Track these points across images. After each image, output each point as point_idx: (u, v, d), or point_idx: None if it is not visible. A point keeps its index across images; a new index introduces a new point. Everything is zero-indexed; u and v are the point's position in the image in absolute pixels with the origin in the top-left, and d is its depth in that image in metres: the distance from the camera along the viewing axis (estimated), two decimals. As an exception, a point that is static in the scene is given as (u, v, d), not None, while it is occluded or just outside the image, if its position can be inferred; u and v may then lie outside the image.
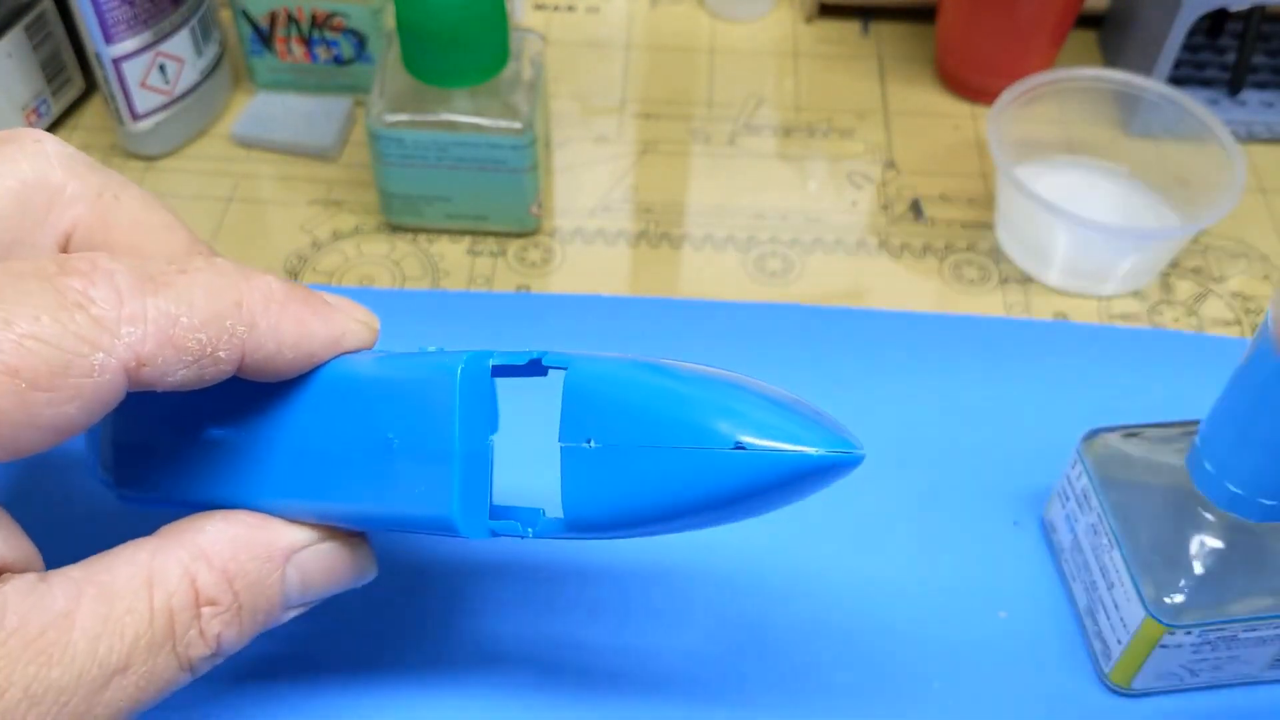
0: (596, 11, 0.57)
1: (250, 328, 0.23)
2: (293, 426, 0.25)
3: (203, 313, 0.22)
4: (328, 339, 0.25)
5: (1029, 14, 0.50)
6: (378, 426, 0.24)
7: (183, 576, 0.23)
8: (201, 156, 0.49)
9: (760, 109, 0.52)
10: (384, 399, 0.24)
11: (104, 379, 0.20)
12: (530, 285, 0.45)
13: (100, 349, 0.20)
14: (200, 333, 0.22)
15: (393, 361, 0.25)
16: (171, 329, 0.21)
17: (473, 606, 0.34)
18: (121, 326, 0.21)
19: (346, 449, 0.25)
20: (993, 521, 0.37)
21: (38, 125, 0.49)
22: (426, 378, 0.24)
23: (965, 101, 0.53)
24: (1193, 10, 0.47)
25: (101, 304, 0.21)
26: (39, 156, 0.24)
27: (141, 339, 0.21)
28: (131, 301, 0.21)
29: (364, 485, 0.24)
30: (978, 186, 0.49)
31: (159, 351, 0.21)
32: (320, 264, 0.45)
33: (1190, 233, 0.43)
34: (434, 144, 0.43)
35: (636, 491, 0.23)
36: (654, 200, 0.48)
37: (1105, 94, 0.48)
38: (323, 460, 0.25)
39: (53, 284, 0.20)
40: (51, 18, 0.48)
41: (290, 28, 0.49)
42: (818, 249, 0.47)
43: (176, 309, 0.21)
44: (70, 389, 0.20)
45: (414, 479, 0.24)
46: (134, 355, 0.21)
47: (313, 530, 0.25)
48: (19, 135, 0.24)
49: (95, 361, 0.20)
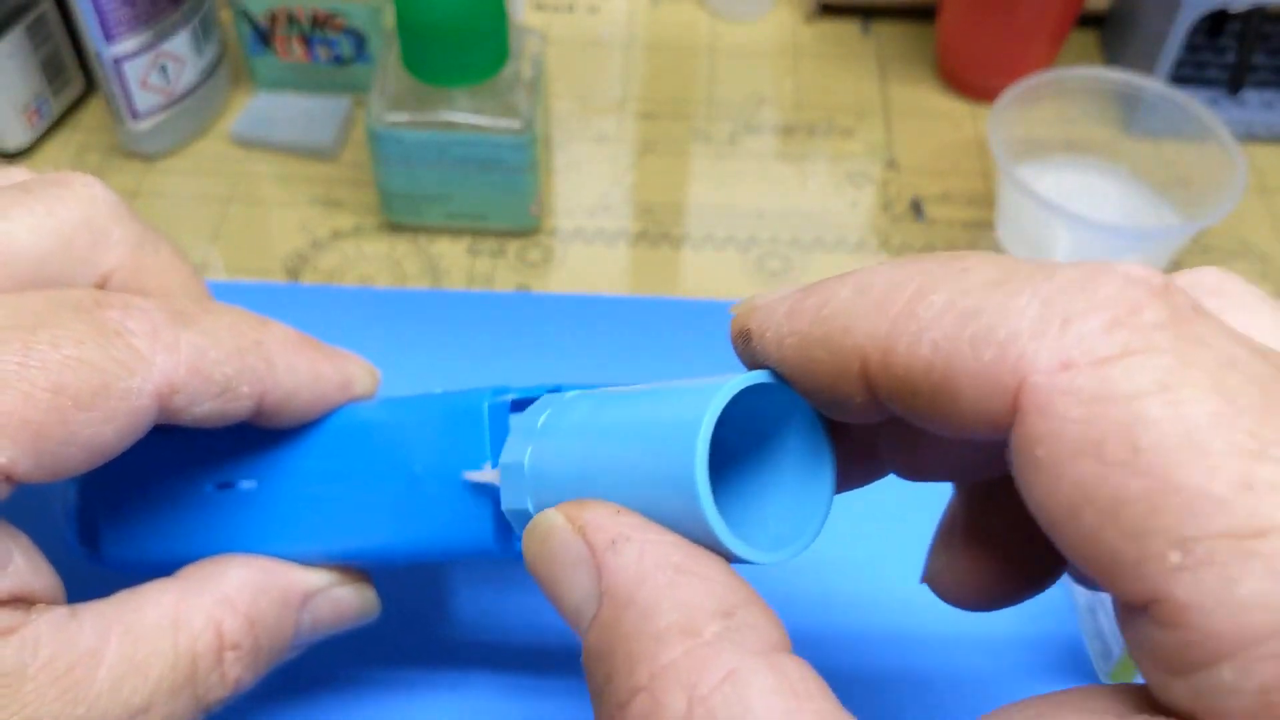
0: (596, 11, 0.57)
1: (269, 366, 0.24)
2: (307, 472, 0.26)
3: (228, 347, 0.23)
4: (339, 382, 0.26)
5: (1029, 14, 0.50)
6: (401, 462, 0.25)
7: (208, 622, 0.23)
8: (201, 156, 0.49)
9: (760, 109, 0.52)
10: (404, 436, 0.25)
11: (139, 403, 0.21)
12: (530, 285, 0.45)
13: (137, 374, 0.21)
14: (226, 366, 0.23)
15: (405, 403, 0.26)
16: (201, 360, 0.22)
17: (469, 618, 0.34)
18: (157, 355, 0.22)
19: (368, 487, 0.25)
20: (993, 521, 0.37)
21: (38, 125, 0.49)
22: (451, 410, 0.25)
23: (965, 101, 0.53)
24: (1193, 10, 0.47)
25: (139, 334, 0.22)
26: (89, 201, 0.25)
27: (175, 367, 0.22)
28: (166, 333, 0.22)
29: (389, 520, 0.25)
30: (978, 186, 0.49)
31: (189, 380, 0.22)
32: (320, 264, 0.45)
33: (1190, 233, 0.43)
34: (434, 144, 0.43)
35: None
36: (654, 200, 0.48)
37: (1105, 94, 0.48)
38: (342, 501, 0.26)
39: (91, 315, 0.22)
40: (51, 18, 0.48)
41: (290, 27, 0.49)
42: (818, 249, 0.47)
43: (205, 342, 0.23)
44: (108, 410, 0.21)
45: (447, 507, 0.25)
46: (167, 382, 0.22)
47: (326, 574, 0.26)
48: (70, 179, 0.25)
49: (132, 385, 0.21)
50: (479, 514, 0.24)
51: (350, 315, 0.43)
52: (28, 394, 0.20)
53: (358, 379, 0.27)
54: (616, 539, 0.17)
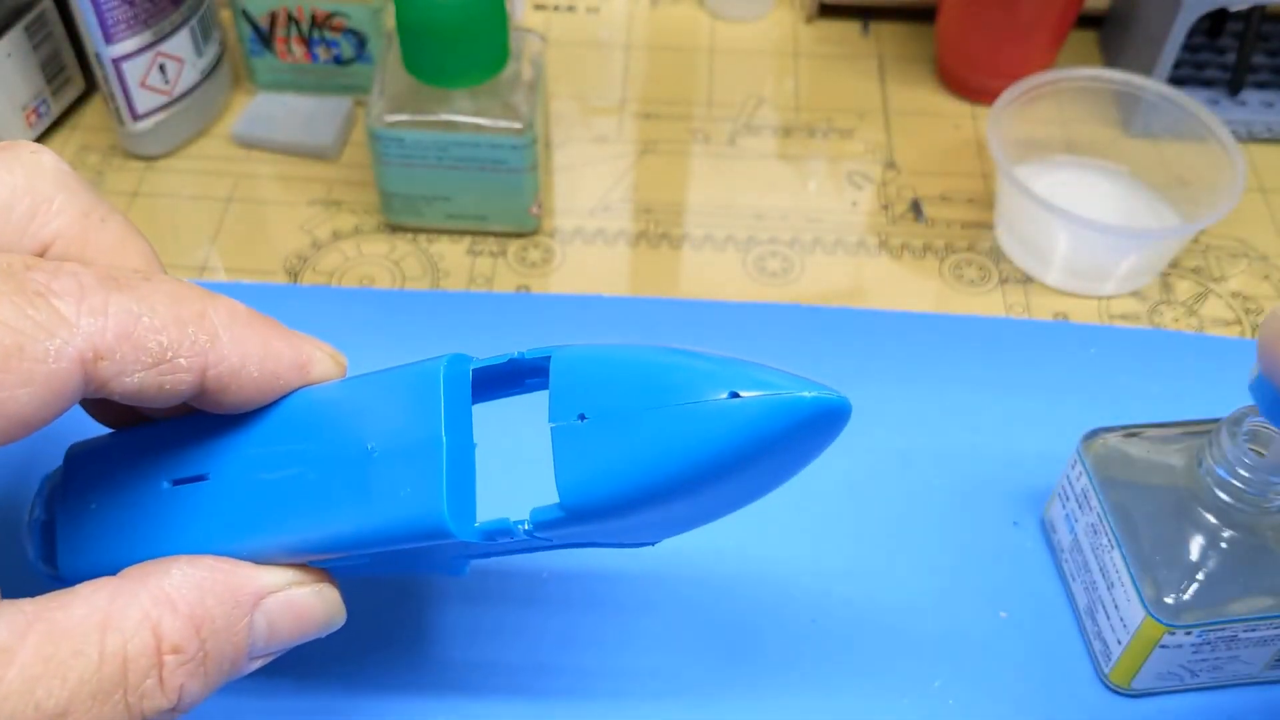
0: (596, 11, 0.57)
1: (213, 339, 0.22)
2: (260, 459, 0.24)
3: (165, 316, 0.22)
4: (293, 361, 0.24)
5: (1029, 14, 0.50)
6: (355, 438, 0.23)
7: (142, 621, 0.21)
8: (201, 156, 0.49)
9: (760, 109, 0.52)
10: (360, 411, 0.24)
11: (58, 366, 0.20)
12: (530, 285, 0.45)
13: (57, 336, 0.20)
14: (162, 334, 0.22)
15: (363, 379, 0.24)
16: (133, 326, 0.21)
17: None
18: (81, 318, 0.21)
19: (322, 469, 0.24)
20: (993, 521, 0.37)
21: (38, 125, 0.49)
22: (407, 381, 0.24)
23: (965, 101, 0.53)
24: (1193, 10, 0.47)
25: (63, 295, 0.21)
26: (33, 166, 0.24)
27: (101, 330, 0.21)
28: (93, 296, 0.21)
29: (344, 501, 0.23)
30: (978, 186, 0.49)
31: (117, 346, 0.21)
32: (320, 264, 0.45)
33: (1190, 233, 0.43)
34: (434, 144, 0.43)
35: (636, 460, 0.22)
36: (654, 200, 0.48)
37: (1105, 94, 0.48)
38: (296, 486, 0.24)
39: (16, 276, 0.20)
40: (51, 18, 0.48)
41: (290, 28, 0.49)
42: (818, 249, 0.47)
43: (139, 308, 0.21)
44: (23, 373, 0.20)
45: (399, 482, 0.23)
46: (91, 346, 0.21)
47: (282, 573, 0.24)
48: (18, 146, 0.24)
49: (50, 347, 0.20)
50: (432, 487, 0.23)
51: (350, 315, 0.43)
52: None
53: (316, 360, 0.25)
54: None
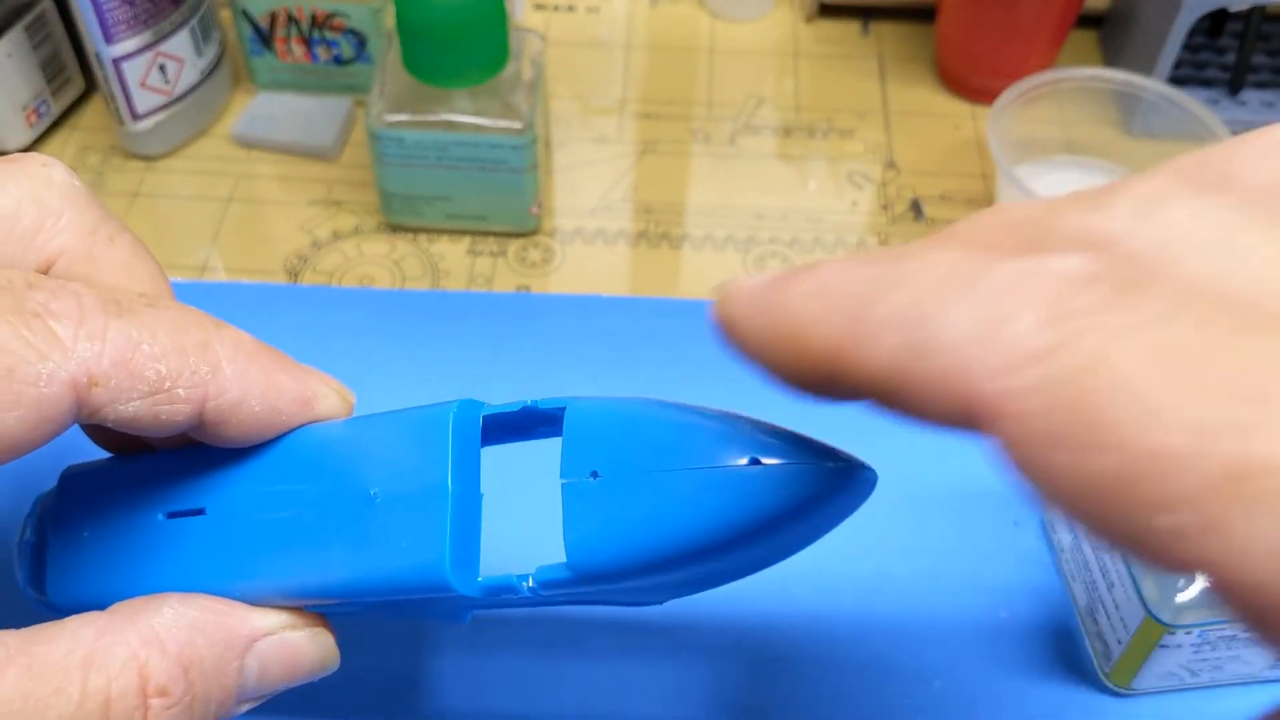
0: (596, 11, 0.57)
1: (214, 370, 0.22)
2: (259, 497, 0.23)
3: (165, 344, 0.21)
4: (297, 397, 0.23)
5: (1029, 14, 0.50)
6: (358, 482, 0.23)
7: (128, 660, 0.21)
8: (201, 156, 0.49)
9: (760, 109, 0.52)
10: (364, 453, 0.23)
11: (49, 390, 0.19)
12: (530, 285, 0.45)
13: (51, 359, 0.19)
14: (160, 363, 0.21)
15: (370, 419, 0.24)
16: (130, 353, 0.20)
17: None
18: (78, 342, 0.20)
19: (322, 511, 0.23)
20: (993, 521, 0.37)
21: (38, 125, 0.49)
22: (414, 424, 0.23)
23: (965, 101, 0.53)
24: (1193, 10, 0.47)
25: (61, 316, 0.20)
26: (41, 180, 0.23)
27: (97, 356, 0.20)
28: (92, 320, 0.20)
29: (343, 547, 0.23)
30: (978, 186, 0.49)
31: (113, 373, 0.20)
32: (320, 264, 0.45)
33: (1190, 233, 0.43)
34: (434, 144, 0.43)
35: (648, 524, 0.21)
36: (654, 200, 0.48)
37: (1105, 94, 0.48)
38: (295, 528, 0.23)
39: (15, 294, 0.20)
40: (51, 18, 0.48)
41: (290, 28, 0.49)
42: (818, 249, 0.47)
43: (139, 335, 0.21)
44: (12, 395, 0.19)
45: (401, 531, 0.22)
46: (86, 371, 0.20)
47: (277, 615, 0.23)
48: (28, 159, 0.24)
49: (43, 370, 0.19)
50: (435, 539, 0.22)
51: (350, 315, 0.43)
52: None
53: (322, 396, 0.24)
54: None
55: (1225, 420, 0.13)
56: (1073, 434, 0.14)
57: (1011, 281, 0.15)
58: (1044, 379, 0.14)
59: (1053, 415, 0.14)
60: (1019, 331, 0.14)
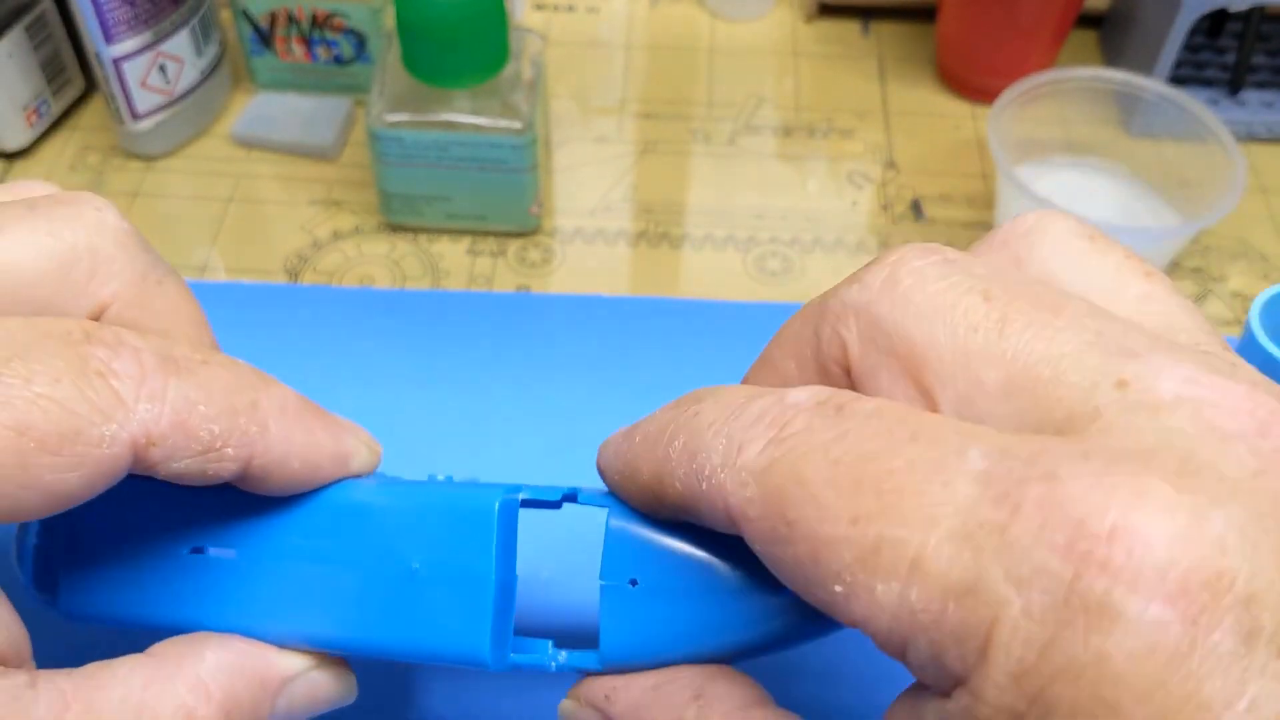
0: (596, 11, 0.57)
1: (262, 430, 0.22)
2: (293, 549, 0.24)
3: (220, 404, 0.22)
4: (336, 455, 0.24)
5: (1029, 14, 0.50)
6: (399, 553, 0.24)
7: (177, 710, 0.22)
8: (201, 156, 0.49)
9: (760, 109, 0.52)
10: (405, 525, 0.24)
11: (111, 451, 0.20)
12: (530, 285, 0.45)
13: (114, 421, 0.20)
14: (214, 424, 0.21)
15: (409, 490, 0.25)
16: (188, 414, 0.21)
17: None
18: (140, 403, 0.20)
19: (359, 575, 0.24)
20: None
21: (38, 125, 0.49)
22: (458, 508, 0.24)
23: (965, 101, 0.53)
24: (1193, 10, 0.47)
25: (123, 376, 0.20)
26: (96, 226, 0.23)
27: (157, 418, 0.20)
28: (153, 380, 0.21)
29: (381, 613, 0.24)
30: (978, 186, 0.49)
31: (171, 434, 0.21)
32: (320, 264, 0.45)
33: (1190, 233, 0.43)
34: (434, 144, 0.43)
35: (681, 635, 0.22)
36: (654, 200, 0.48)
37: (1105, 94, 0.48)
38: (327, 586, 0.24)
39: (77, 350, 0.20)
40: (51, 18, 0.48)
41: (290, 28, 0.49)
42: (818, 249, 0.47)
43: (196, 395, 0.21)
44: (76, 456, 0.19)
45: (442, 608, 0.23)
46: (145, 432, 0.20)
47: (304, 657, 0.24)
48: (81, 200, 0.24)
49: (106, 433, 0.20)
50: (477, 622, 0.23)
51: (350, 315, 0.43)
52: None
53: (356, 454, 0.25)
54: (608, 693, 0.22)
55: (867, 511, 0.16)
56: (778, 531, 0.17)
57: (757, 414, 0.19)
58: (759, 492, 0.18)
59: (766, 519, 0.18)
60: (749, 456, 0.18)
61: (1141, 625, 0.14)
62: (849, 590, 0.16)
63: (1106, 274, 0.20)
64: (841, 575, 0.16)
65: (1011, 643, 0.15)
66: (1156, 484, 0.15)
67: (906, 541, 0.16)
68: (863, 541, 0.16)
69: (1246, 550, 0.14)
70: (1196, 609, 0.14)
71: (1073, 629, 0.14)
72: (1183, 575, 0.14)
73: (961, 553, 0.15)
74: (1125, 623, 0.14)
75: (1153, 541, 0.14)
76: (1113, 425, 0.16)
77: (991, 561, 0.15)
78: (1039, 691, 0.15)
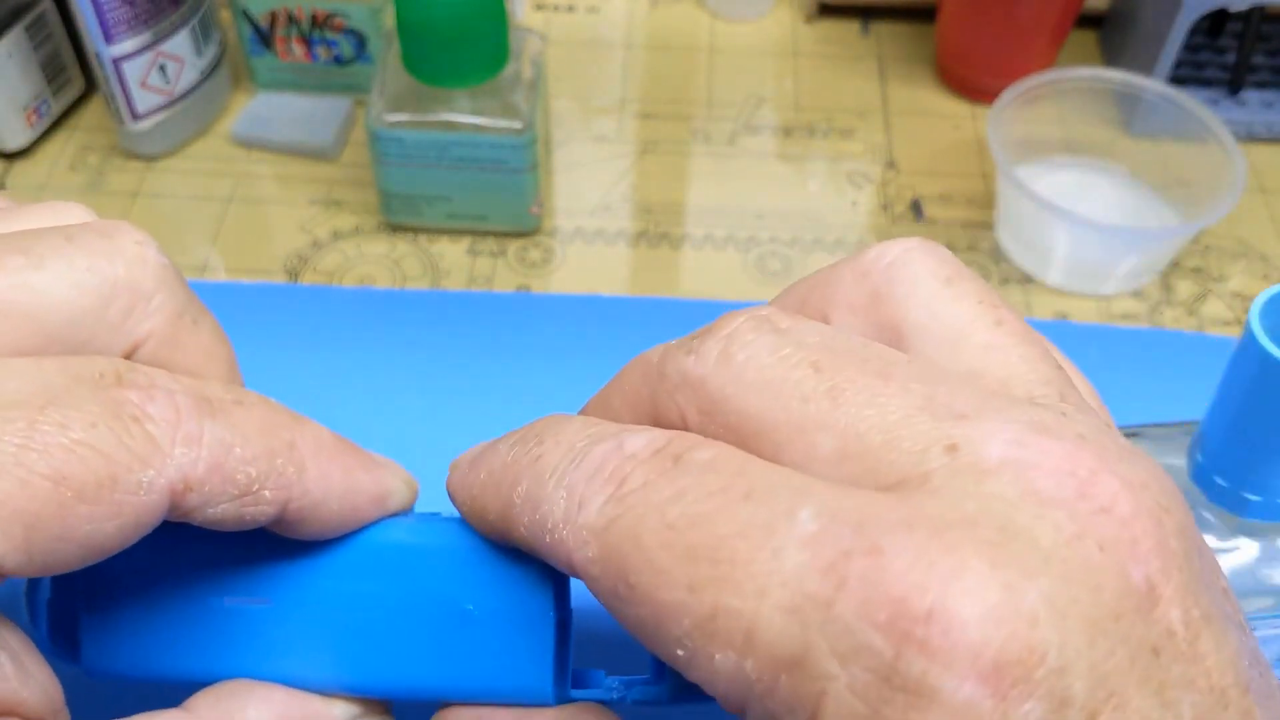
0: (596, 11, 0.57)
1: (300, 471, 0.22)
2: (336, 595, 0.23)
3: (256, 446, 0.21)
4: (375, 495, 0.24)
5: (1029, 14, 0.50)
6: (451, 596, 0.23)
7: None
8: (201, 156, 0.49)
9: (760, 109, 0.52)
10: (455, 568, 0.23)
11: (149, 499, 0.19)
12: (530, 285, 0.45)
13: (151, 467, 0.19)
14: (251, 466, 0.21)
15: (449, 529, 0.24)
16: (225, 457, 0.20)
17: None
18: (176, 447, 0.20)
19: (411, 619, 0.23)
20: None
21: (38, 125, 0.49)
22: (508, 548, 0.23)
23: (965, 101, 0.53)
24: (1193, 10, 0.47)
25: (159, 421, 0.20)
26: (137, 261, 0.23)
27: (194, 462, 0.20)
28: (189, 423, 0.20)
29: (434, 656, 0.23)
30: (978, 186, 0.49)
31: (208, 479, 0.20)
32: (320, 264, 0.45)
33: (1190, 233, 0.43)
34: (434, 144, 0.43)
35: None
36: (654, 200, 0.48)
37: (1105, 94, 0.48)
38: (374, 632, 0.23)
39: (110, 394, 0.19)
40: (51, 18, 0.48)
41: (290, 28, 0.49)
42: (818, 249, 0.47)
43: (232, 437, 0.20)
44: (114, 505, 0.19)
45: (501, 648, 0.23)
46: (183, 478, 0.20)
47: (349, 705, 0.24)
48: (120, 232, 0.23)
49: (144, 479, 0.19)
50: (538, 661, 0.23)
51: (350, 315, 0.43)
52: (24, 480, 0.18)
53: (394, 493, 0.24)
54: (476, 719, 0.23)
55: (702, 579, 0.17)
56: (620, 591, 0.18)
57: (597, 465, 0.19)
58: (600, 552, 0.18)
59: (608, 578, 0.18)
60: (589, 513, 0.18)
61: (955, 705, 0.15)
62: (690, 655, 0.17)
63: (959, 319, 0.20)
64: (682, 640, 0.17)
65: (837, 717, 0.15)
66: (973, 561, 0.15)
67: (740, 612, 0.16)
68: (700, 610, 0.17)
69: (1055, 621, 0.15)
70: (1007, 685, 0.15)
71: (892, 706, 0.15)
72: (995, 654, 0.15)
73: (790, 625, 0.16)
74: (940, 703, 0.15)
75: (968, 622, 0.15)
76: (940, 490, 0.16)
77: (818, 636, 0.16)
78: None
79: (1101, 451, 0.17)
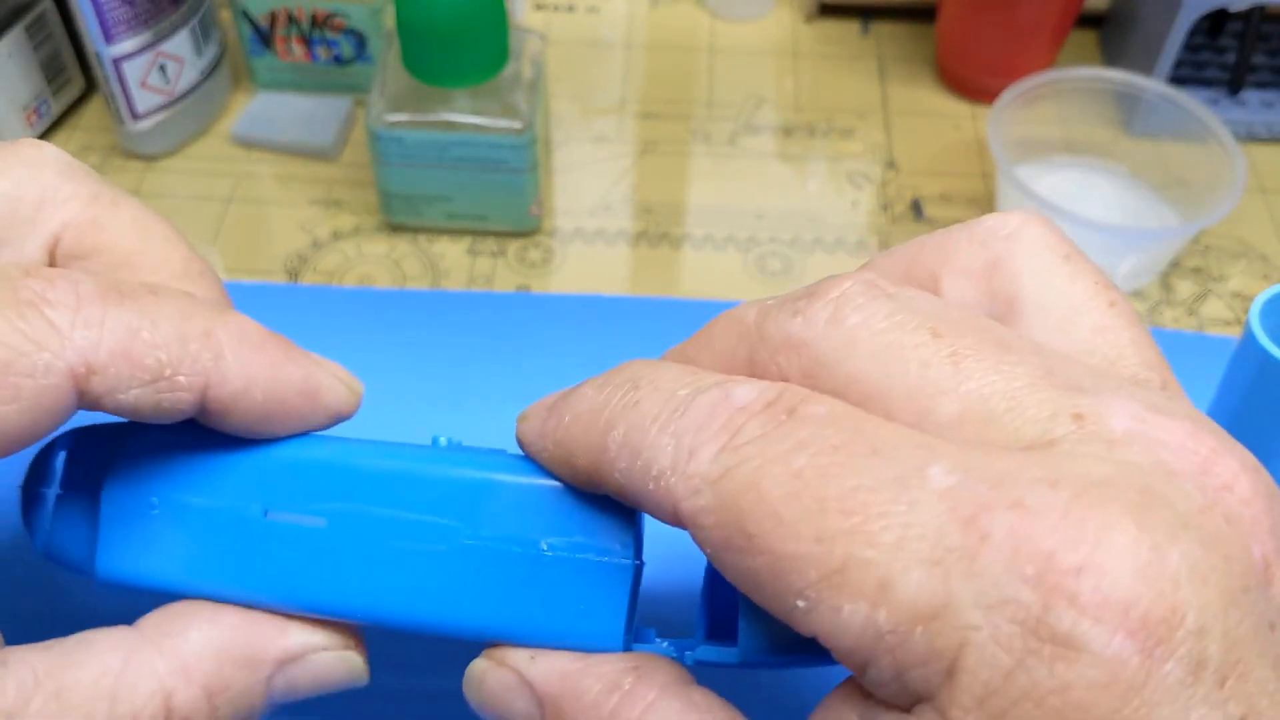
0: (596, 11, 0.57)
1: (216, 358, 0.21)
2: (403, 524, 0.22)
3: (166, 332, 0.21)
4: (304, 387, 0.23)
5: (1029, 14, 0.50)
6: (527, 535, 0.22)
7: (155, 692, 0.20)
8: (201, 156, 0.49)
9: (760, 109, 0.52)
10: (533, 506, 0.22)
11: (48, 381, 0.19)
12: (530, 285, 0.45)
13: (48, 349, 0.19)
14: (161, 351, 0.20)
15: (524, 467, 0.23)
16: (129, 341, 0.20)
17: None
18: (75, 330, 0.20)
19: (477, 556, 0.22)
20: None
21: (38, 125, 0.49)
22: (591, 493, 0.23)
23: (965, 101, 0.53)
24: (1193, 10, 0.47)
25: (57, 305, 0.20)
26: (35, 162, 0.23)
27: (94, 345, 0.20)
28: (89, 307, 0.20)
29: (495, 597, 0.22)
30: (978, 186, 0.49)
31: (111, 362, 0.20)
32: (320, 264, 0.45)
33: (1190, 233, 0.43)
34: (434, 144, 0.43)
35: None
36: (654, 200, 0.48)
37: (1105, 94, 0.48)
38: (438, 565, 0.22)
39: (12, 283, 0.20)
40: (51, 18, 0.48)
41: (290, 28, 0.49)
42: (818, 249, 0.47)
43: (138, 322, 0.20)
44: (10, 388, 0.19)
45: (572, 593, 0.22)
46: (84, 361, 0.20)
47: (310, 634, 0.23)
48: (19, 144, 0.23)
49: (40, 361, 0.19)
50: (613, 609, 0.22)
51: (350, 315, 0.43)
52: None
53: (328, 388, 0.24)
54: (533, 654, 0.22)
55: (832, 530, 0.16)
56: (736, 541, 0.17)
57: (705, 415, 0.18)
58: (715, 501, 0.18)
59: (722, 528, 0.18)
60: (701, 462, 0.18)
61: (1104, 658, 0.15)
62: (812, 606, 0.17)
63: (1076, 297, 0.20)
64: (805, 592, 0.17)
65: (979, 666, 0.15)
66: (1121, 519, 0.15)
67: (874, 563, 0.16)
68: (829, 561, 0.16)
69: (1197, 585, 0.15)
70: (1153, 642, 0.15)
71: (1038, 657, 0.15)
72: (1144, 611, 0.15)
73: (930, 577, 0.16)
74: (1089, 654, 0.15)
75: (1119, 578, 0.15)
76: (1072, 453, 0.17)
77: (961, 587, 0.16)
78: (1001, 714, 0.15)
79: (1216, 433, 0.17)
